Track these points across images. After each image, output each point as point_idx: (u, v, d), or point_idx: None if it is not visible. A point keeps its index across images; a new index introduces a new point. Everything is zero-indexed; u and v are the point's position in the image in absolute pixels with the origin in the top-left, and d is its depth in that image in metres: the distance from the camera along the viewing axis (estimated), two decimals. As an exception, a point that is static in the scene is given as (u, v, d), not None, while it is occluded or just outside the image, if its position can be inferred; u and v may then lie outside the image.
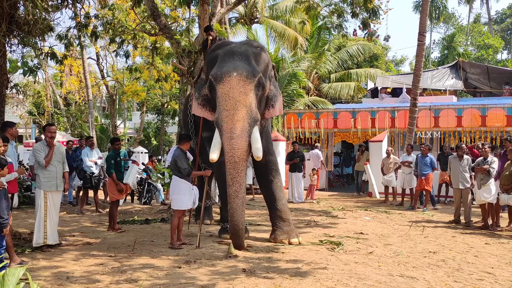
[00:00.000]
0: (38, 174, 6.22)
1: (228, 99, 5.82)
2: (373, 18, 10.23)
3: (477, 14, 43.13)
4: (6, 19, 6.41)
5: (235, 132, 5.74)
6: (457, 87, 19.93)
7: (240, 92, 5.83)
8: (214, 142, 6.04)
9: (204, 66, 6.70)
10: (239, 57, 6.11)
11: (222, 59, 6.15)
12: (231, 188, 5.77)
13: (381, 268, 5.37)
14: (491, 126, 13.49)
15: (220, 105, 5.88)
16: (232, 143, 5.74)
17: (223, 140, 5.83)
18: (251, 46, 6.46)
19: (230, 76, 5.85)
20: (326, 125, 15.69)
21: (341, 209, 10.80)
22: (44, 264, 5.43)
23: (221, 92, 5.87)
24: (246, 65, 6.02)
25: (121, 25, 11.69)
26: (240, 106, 5.80)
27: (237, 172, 5.75)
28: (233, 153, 5.74)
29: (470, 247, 6.70)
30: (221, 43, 6.86)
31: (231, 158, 5.75)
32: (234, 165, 5.75)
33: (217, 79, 5.92)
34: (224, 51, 6.29)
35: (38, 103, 27.34)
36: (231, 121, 5.77)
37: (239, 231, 5.87)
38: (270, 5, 22.39)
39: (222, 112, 5.84)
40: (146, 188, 12.01)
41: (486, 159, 8.26)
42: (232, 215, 5.80)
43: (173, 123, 28.08)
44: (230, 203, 5.78)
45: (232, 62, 6.03)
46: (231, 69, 5.91)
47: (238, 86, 5.83)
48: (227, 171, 5.78)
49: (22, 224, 8.00)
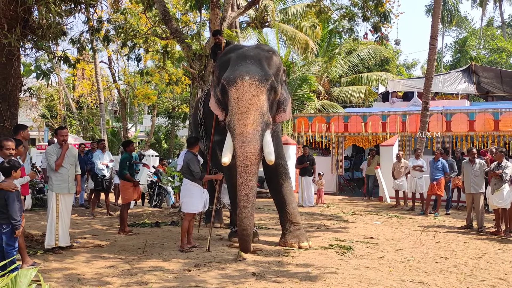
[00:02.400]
0: (50, 176, 6.29)
1: (240, 103, 5.81)
2: (384, 22, 10.19)
3: (490, 17, 42.71)
4: (20, 24, 6.49)
5: (247, 135, 5.73)
6: (470, 91, 19.73)
7: (252, 96, 5.82)
8: (226, 146, 6.03)
9: (216, 69, 6.71)
10: (251, 60, 6.10)
11: (235, 62, 6.16)
12: (241, 192, 5.73)
13: (392, 273, 5.33)
14: (504, 130, 13.32)
15: (232, 108, 5.88)
16: (244, 147, 5.72)
17: (235, 143, 5.82)
18: (263, 50, 6.46)
19: (242, 79, 5.85)
20: (337, 129, 15.63)
21: (351, 213, 10.74)
22: (55, 265, 5.48)
23: (234, 96, 5.87)
24: (258, 69, 6.02)
25: (133, 29, 11.80)
26: (252, 110, 5.79)
27: (248, 176, 5.72)
28: (245, 156, 5.71)
29: (483, 253, 6.62)
30: (233, 47, 6.87)
31: (243, 162, 5.72)
32: (245, 168, 5.71)
33: (230, 82, 5.92)
34: (237, 54, 6.29)
35: (51, 106, 27.67)
36: (243, 125, 5.75)
37: (247, 235, 5.82)
38: (281, 9, 22.43)
39: (234, 116, 5.83)
40: (157, 191, 12.05)
41: (500, 163, 8.16)
42: (241, 219, 5.76)
43: (184, 126, 28.22)
44: (240, 207, 5.74)
45: (244, 65, 6.03)
46: (243, 72, 5.90)
47: (250, 89, 5.82)
48: (238, 174, 5.75)
49: (34, 226, 8.08)
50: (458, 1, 35.72)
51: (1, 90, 6.62)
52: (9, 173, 4.88)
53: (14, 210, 4.80)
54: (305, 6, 19.34)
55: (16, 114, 6.94)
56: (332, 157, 15.88)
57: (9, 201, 4.78)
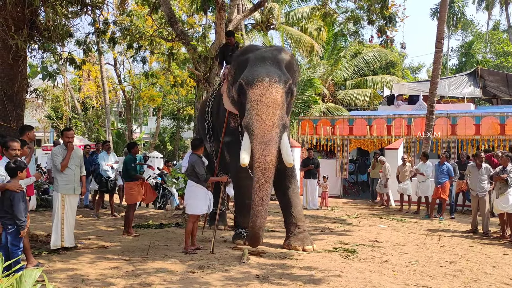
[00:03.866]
0: (56, 177, 6.32)
1: (260, 104, 5.77)
2: (390, 25, 10.17)
3: (496, 21, 42.57)
4: (27, 25, 6.54)
5: (267, 137, 5.68)
6: (475, 95, 19.66)
7: (272, 98, 5.80)
8: (244, 146, 5.90)
9: (232, 69, 6.63)
10: (270, 62, 6.08)
11: (253, 63, 6.12)
12: (257, 195, 5.64)
13: (396, 277, 5.30)
14: (510, 134, 13.25)
15: (251, 109, 5.82)
16: (263, 149, 5.65)
17: (254, 144, 5.72)
18: (281, 52, 6.44)
19: (262, 80, 5.82)
20: (342, 132, 15.60)
21: (355, 216, 10.71)
22: (60, 266, 5.50)
23: (253, 96, 5.82)
24: (278, 70, 6.01)
25: (138, 31, 11.86)
26: (272, 112, 5.76)
27: (265, 179, 5.65)
28: (264, 159, 5.64)
29: (488, 257, 6.58)
30: (250, 47, 6.83)
31: (261, 164, 5.64)
32: (263, 171, 5.63)
33: (249, 82, 5.89)
34: (255, 55, 6.25)
35: (56, 108, 27.81)
36: (263, 126, 5.71)
37: (259, 238, 5.78)
38: (286, 12, 22.46)
39: (253, 117, 5.77)
40: (161, 193, 12.09)
41: (505, 168, 8.12)
42: (254, 221, 5.68)
43: (189, 128, 28.24)
44: (254, 210, 5.65)
45: (264, 67, 6.00)
46: (263, 73, 5.88)
47: (270, 91, 5.80)
48: (256, 177, 5.65)
49: (39, 226, 8.12)
50: (464, 5, 35.69)
51: (8, 91, 6.66)
52: (15, 174, 4.91)
53: (19, 210, 4.83)
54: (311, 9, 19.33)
55: (22, 115, 6.97)
56: (337, 160, 15.85)
57: (14, 202, 4.81)
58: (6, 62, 6.56)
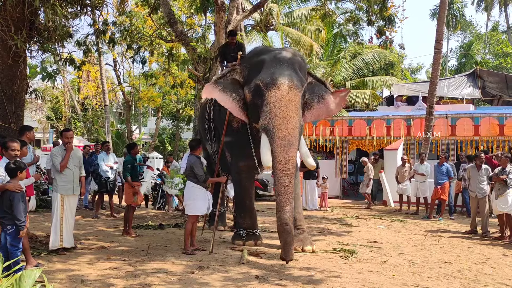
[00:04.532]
0: (55, 178, 6.32)
1: (280, 106, 5.77)
2: (389, 26, 10.19)
3: (495, 22, 42.59)
4: (27, 26, 6.55)
5: (290, 140, 5.70)
6: (475, 96, 19.68)
7: (291, 100, 5.82)
8: (265, 149, 5.86)
9: (244, 69, 6.56)
10: (286, 64, 6.08)
11: (270, 65, 6.09)
12: (283, 197, 5.59)
13: (395, 277, 5.31)
14: (509, 135, 13.27)
15: (271, 111, 5.80)
16: (286, 151, 5.66)
17: (275, 147, 5.70)
18: (294, 55, 6.44)
19: (282, 83, 5.82)
20: (341, 133, 15.61)
21: (355, 217, 10.71)
22: (59, 267, 5.50)
23: (272, 98, 5.81)
24: (294, 73, 6.03)
25: (138, 32, 11.87)
26: (292, 114, 5.79)
27: (290, 181, 5.65)
28: (287, 160, 5.65)
29: (487, 258, 6.59)
30: (262, 48, 6.76)
31: (285, 166, 5.64)
32: (288, 172, 5.64)
33: (268, 85, 5.87)
34: (271, 57, 6.22)
35: (56, 108, 27.81)
36: (285, 129, 5.71)
37: (291, 242, 5.64)
38: (286, 13, 22.44)
39: (274, 119, 5.76)
40: (161, 194, 12.08)
41: (504, 169, 8.13)
42: (284, 226, 5.54)
43: (188, 129, 28.24)
44: (281, 211, 5.56)
45: (281, 69, 5.99)
46: (282, 76, 5.89)
47: (289, 93, 5.82)
48: (280, 179, 5.63)
49: (38, 227, 8.11)
50: (463, 6, 35.72)
51: (7, 92, 6.67)
52: (15, 174, 4.91)
53: (19, 211, 4.83)
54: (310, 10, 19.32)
55: (21, 116, 6.99)
56: (336, 160, 15.86)
57: (14, 202, 4.81)
58: (6, 63, 6.57)
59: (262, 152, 5.88)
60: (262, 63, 6.20)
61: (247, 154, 6.82)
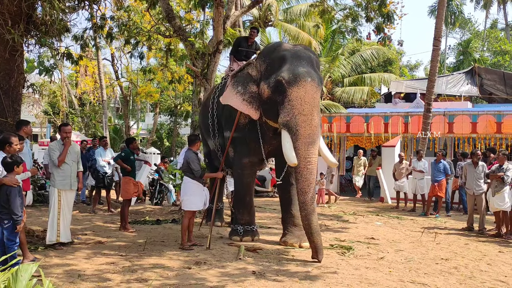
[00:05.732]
0: (52, 172, 6.31)
1: (304, 104, 5.76)
2: (388, 23, 10.17)
3: (494, 19, 42.58)
4: (24, 19, 6.52)
5: (313, 137, 5.73)
6: (472, 93, 19.70)
7: (314, 98, 5.84)
8: (289, 147, 5.79)
9: (261, 64, 6.47)
10: (305, 61, 6.07)
11: (291, 61, 6.04)
12: (307, 195, 5.60)
13: (392, 273, 5.33)
14: (507, 133, 13.30)
15: (294, 108, 5.78)
16: (310, 149, 5.68)
17: (299, 144, 5.70)
18: (311, 52, 6.44)
19: (305, 80, 5.82)
20: (339, 129, 15.62)
21: (352, 213, 10.73)
22: (56, 261, 5.50)
23: (296, 96, 5.79)
24: (314, 71, 6.05)
25: (136, 27, 11.81)
26: (315, 112, 5.82)
27: (313, 178, 5.69)
28: (311, 158, 5.67)
29: (483, 255, 6.61)
30: (281, 44, 6.66)
31: (309, 164, 5.66)
32: (312, 171, 5.66)
33: (291, 81, 5.84)
34: (291, 53, 6.17)
35: (53, 103, 27.71)
36: (309, 126, 5.72)
37: (321, 240, 5.71)
38: (284, 9, 22.39)
39: (298, 116, 5.74)
40: (158, 189, 12.08)
41: (501, 166, 8.15)
42: (310, 226, 5.59)
43: (186, 124, 28.22)
44: (307, 210, 5.59)
45: (303, 66, 5.98)
46: (305, 73, 5.87)
47: (312, 91, 5.83)
48: (304, 177, 5.63)
49: (35, 222, 8.10)
50: (462, 3, 35.69)
51: (4, 86, 6.65)
52: (12, 168, 4.90)
53: (15, 205, 4.82)
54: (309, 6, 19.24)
55: (18, 110, 6.96)
56: (334, 157, 15.84)
57: (11, 196, 4.80)
58: (3, 57, 6.55)
59: (287, 150, 5.80)
60: (282, 59, 6.13)
61: (253, 150, 6.81)
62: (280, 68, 6.04)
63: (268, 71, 6.27)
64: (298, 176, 5.69)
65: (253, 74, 6.52)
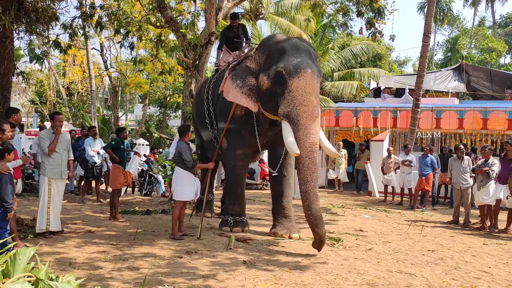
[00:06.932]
0: (43, 161, 6.28)
1: (305, 95, 5.80)
2: (378, 18, 10.24)
3: (482, 17, 43.09)
4: (15, 6, 6.45)
5: (314, 128, 5.78)
6: (459, 90, 19.95)
7: (314, 89, 5.88)
8: (290, 137, 5.82)
9: (260, 56, 6.48)
10: (305, 53, 6.10)
11: (291, 53, 6.06)
12: (310, 184, 5.62)
13: (380, 264, 5.43)
14: (492, 129, 13.53)
15: (295, 99, 5.81)
16: (311, 138, 5.73)
17: (300, 134, 5.74)
18: (309, 45, 6.47)
19: (306, 72, 5.85)
20: (328, 123, 15.72)
21: (340, 206, 10.85)
22: (47, 250, 5.49)
23: (296, 87, 5.82)
24: (314, 63, 6.10)
25: (126, 17, 11.69)
26: (315, 102, 5.88)
27: (315, 168, 5.73)
28: (313, 148, 5.72)
29: (468, 247, 6.76)
30: (279, 36, 6.71)
31: (311, 154, 5.70)
32: (313, 160, 5.71)
33: (291, 73, 5.86)
34: (290, 45, 6.19)
35: (40, 92, 27.36)
36: (310, 117, 5.77)
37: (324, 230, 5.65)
38: (275, 2, 22.35)
39: (298, 107, 5.78)
40: (147, 180, 12.07)
41: (487, 161, 8.31)
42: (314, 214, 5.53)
43: (175, 116, 28.08)
44: (309, 199, 5.57)
45: (303, 58, 6.01)
46: (305, 65, 5.91)
47: (312, 82, 5.87)
48: (306, 166, 5.67)
49: (24, 210, 8.06)
50: (451, 0, 35.97)
51: (-6, 73, 6.58)
52: (3, 156, 4.88)
53: (6, 192, 4.81)
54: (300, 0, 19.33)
55: (8, 97, 6.91)
56: (322, 151, 15.94)
57: (1, 183, 4.79)
58: (-7, 43, 6.47)
59: (288, 140, 5.84)
60: (282, 51, 6.15)
61: (248, 142, 6.83)
62: (280, 59, 6.07)
63: (267, 63, 6.30)
64: (300, 166, 5.74)
65: (251, 67, 6.54)
